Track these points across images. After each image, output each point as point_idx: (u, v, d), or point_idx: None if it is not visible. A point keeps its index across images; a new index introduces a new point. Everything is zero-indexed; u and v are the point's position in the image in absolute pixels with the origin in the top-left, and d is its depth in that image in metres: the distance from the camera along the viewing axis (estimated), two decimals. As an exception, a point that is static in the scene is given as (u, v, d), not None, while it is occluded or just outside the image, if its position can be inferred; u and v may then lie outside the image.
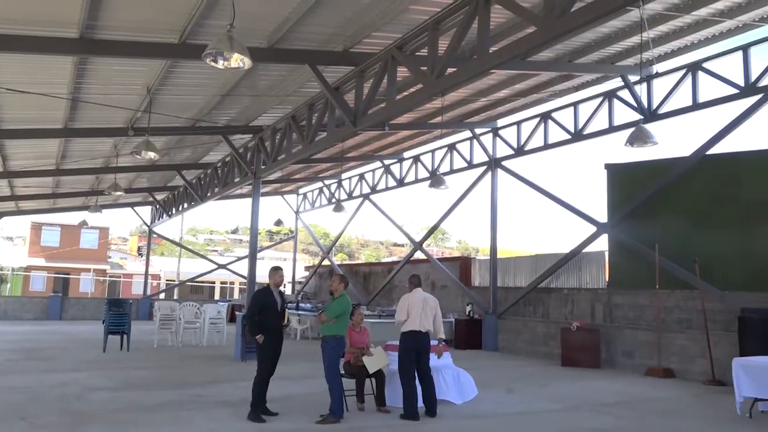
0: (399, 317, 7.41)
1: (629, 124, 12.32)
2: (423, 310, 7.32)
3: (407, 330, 7.28)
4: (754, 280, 10.67)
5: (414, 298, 7.41)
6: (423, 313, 7.31)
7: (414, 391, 7.11)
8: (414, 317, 7.28)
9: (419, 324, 7.26)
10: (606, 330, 12.82)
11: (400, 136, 17.38)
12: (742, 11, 9.45)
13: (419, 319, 7.28)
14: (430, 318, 7.39)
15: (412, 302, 7.35)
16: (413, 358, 7.21)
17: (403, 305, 7.41)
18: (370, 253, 67.59)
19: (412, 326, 7.26)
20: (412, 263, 20.20)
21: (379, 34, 9.12)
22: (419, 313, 7.29)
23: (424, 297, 7.50)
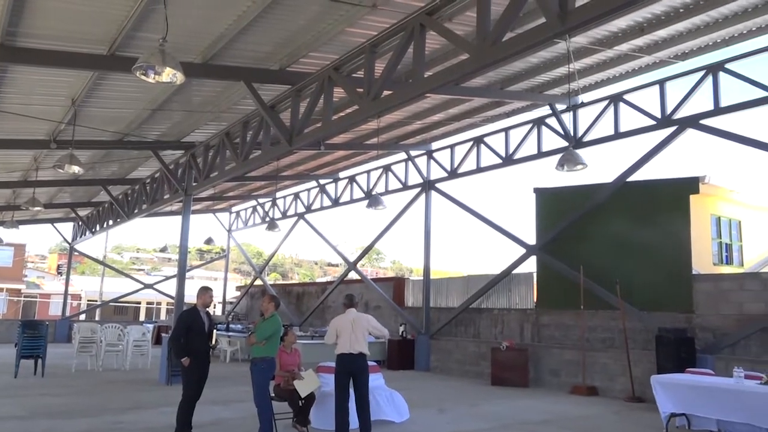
0: (328, 340, 7.29)
1: (557, 150, 12.83)
2: (353, 332, 7.11)
3: (339, 353, 7.16)
4: (670, 300, 11.25)
5: (343, 320, 7.22)
6: (353, 335, 7.09)
7: (345, 414, 7.00)
8: (344, 340, 7.13)
9: (349, 346, 7.08)
10: (534, 349, 13.16)
11: (335, 156, 17.40)
12: (658, 48, 10.09)
13: (349, 341, 7.11)
14: (361, 339, 7.15)
15: (341, 324, 7.19)
16: (346, 380, 7.10)
17: (332, 327, 7.30)
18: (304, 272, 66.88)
19: (342, 349, 7.13)
20: (346, 283, 20.12)
21: (316, 54, 9.15)
22: (349, 335, 7.11)
23: (353, 318, 7.23)
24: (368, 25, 8.27)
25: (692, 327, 10.75)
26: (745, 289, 10.42)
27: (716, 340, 10.40)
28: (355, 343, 7.10)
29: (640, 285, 11.63)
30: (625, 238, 12.13)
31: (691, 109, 10.94)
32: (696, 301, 10.92)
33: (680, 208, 11.53)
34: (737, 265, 14.79)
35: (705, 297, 10.85)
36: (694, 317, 10.87)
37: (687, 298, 11.02)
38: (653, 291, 11.50)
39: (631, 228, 12.09)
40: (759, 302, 10.13)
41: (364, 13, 7.88)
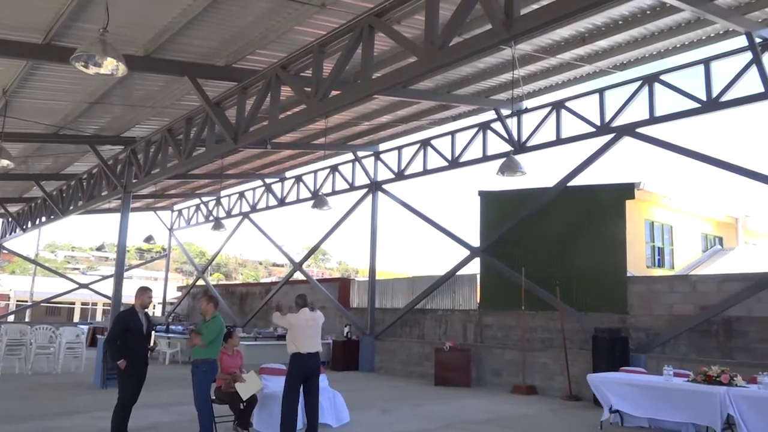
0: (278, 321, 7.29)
1: (501, 155, 13.09)
2: (311, 331, 7.15)
3: (296, 352, 7.10)
4: (605, 302, 11.66)
5: (300, 319, 7.22)
6: (311, 335, 7.14)
7: (294, 415, 6.94)
8: (302, 339, 7.09)
9: (308, 346, 7.10)
10: (476, 350, 13.39)
11: (282, 155, 17.22)
12: (599, 58, 10.45)
13: (307, 340, 7.12)
14: (318, 338, 7.25)
15: (298, 323, 7.18)
16: (300, 380, 7.04)
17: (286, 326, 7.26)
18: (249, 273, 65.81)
19: (300, 348, 7.08)
20: (291, 284, 19.92)
21: (264, 52, 9.03)
22: (307, 335, 7.13)
23: (310, 317, 7.29)
24: (317, 25, 8.23)
25: (626, 327, 11.18)
26: (675, 290, 10.92)
27: (648, 339, 10.85)
28: (313, 343, 7.14)
29: (578, 287, 12.00)
30: (565, 241, 12.49)
31: (629, 118, 11.38)
32: (630, 303, 11.37)
33: (617, 213, 11.97)
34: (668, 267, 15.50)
35: (638, 298, 11.31)
36: (628, 318, 11.31)
37: (622, 299, 11.45)
38: (591, 292, 11.89)
39: (571, 231, 12.46)
40: (688, 303, 10.63)
41: (313, 12, 7.83)
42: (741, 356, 9.72)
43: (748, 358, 9.56)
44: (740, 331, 9.92)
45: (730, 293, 9.97)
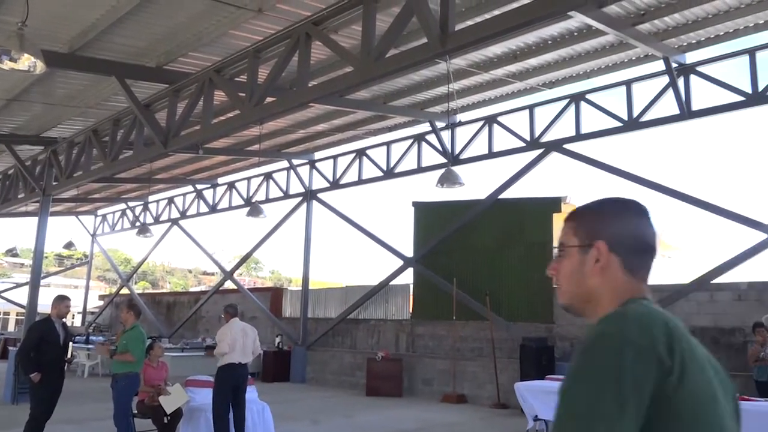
0: (222, 349, 7.04)
1: (435, 166, 13.30)
2: (244, 342, 7.09)
3: (228, 362, 6.93)
4: (533, 311, 12.02)
5: (234, 330, 7.10)
6: (243, 345, 7.07)
7: (226, 427, 6.77)
8: (236, 350, 6.98)
9: (241, 356, 7.00)
10: (408, 359, 13.47)
11: (214, 160, 16.82)
12: (529, 75, 10.82)
13: (241, 351, 7.01)
14: (250, 349, 7.19)
15: (233, 334, 7.04)
16: (229, 392, 6.88)
17: (224, 337, 7.07)
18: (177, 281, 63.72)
19: (232, 359, 6.94)
20: (221, 293, 19.43)
21: (197, 54, 8.81)
22: (240, 345, 7.03)
23: (243, 327, 7.25)
24: (253, 30, 8.11)
25: (552, 336, 11.56)
26: (598, 301, 11.37)
27: (573, 348, 11.23)
28: (246, 353, 7.09)
29: (508, 297, 12.31)
30: (496, 252, 12.80)
31: (556, 134, 11.83)
32: (556, 313, 11.75)
33: (544, 226, 12.38)
34: (592, 279, 16.12)
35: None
36: (554, 327, 11.69)
37: (549, 309, 11.83)
38: (519, 302, 12.22)
39: (502, 242, 12.78)
40: (609, 313, 11.09)
41: (250, 16, 7.72)
42: (657, 364, 10.22)
43: (663, 366, 10.06)
44: (656, 339, 10.44)
45: (647, 303, 10.48)
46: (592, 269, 1.20)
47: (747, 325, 8.95)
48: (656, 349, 1.00)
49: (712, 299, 9.98)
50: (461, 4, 7.84)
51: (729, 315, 9.74)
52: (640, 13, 8.53)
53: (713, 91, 9.82)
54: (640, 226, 1.22)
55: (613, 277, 1.18)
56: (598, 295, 1.20)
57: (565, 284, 1.25)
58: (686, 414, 1.00)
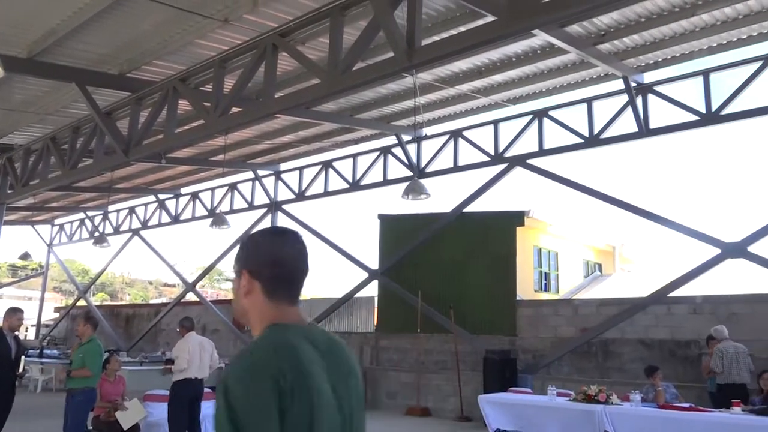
0: (180, 365, 6.88)
1: (401, 179, 13.36)
2: (200, 356, 6.97)
3: (184, 378, 6.78)
4: (497, 324, 12.12)
5: (192, 344, 6.96)
6: (200, 359, 6.95)
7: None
8: (194, 364, 6.85)
9: (198, 371, 6.88)
10: (372, 372, 13.40)
11: (178, 170, 16.56)
12: (494, 91, 11.00)
13: (199, 365, 6.88)
14: (207, 363, 7.07)
15: (191, 348, 6.90)
16: (185, 407, 6.73)
17: (182, 352, 6.91)
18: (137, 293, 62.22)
19: (189, 374, 6.80)
20: (182, 305, 19.05)
21: (161, 63, 8.70)
22: (198, 360, 6.91)
23: (200, 341, 7.14)
24: (219, 39, 8.06)
25: (515, 349, 11.66)
26: (560, 314, 11.55)
27: (535, 360, 11.37)
28: (203, 368, 6.97)
29: (471, 309, 12.38)
30: (460, 265, 12.89)
31: (520, 149, 12.03)
32: (519, 325, 11.88)
33: (508, 239, 12.53)
34: (554, 292, 16.39)
35: (527, 321, 11.85)
36: (517, 340, 11.81)
37: (512, 322, 11.95)
38: (483, 315, 12.31)
39: (466, 256, 12.88)
40: (571, 326, 11.28)
41: (216, 26, 7.67)
42: (616, 376, 10.41)
43: (622, 378, 10.25)
44: (616, 352, 10.65)
45: (607, 316, 10.69)
46: (242, 293, 1.45)
47: (702, 337, 9.20)
48: (276, 375, 1.24)
49: (669, 312, 10.23)
50: (428, 20, 7.94)
51: (685, 328, 10.00)
52: (600, 33, 8.78)
53: (670, 110, 10.15)
54: (278, 255, 1.44)
55: (257, 301, 1.42)
56: (249, 315, 1.45)
57: (233, 302, 1.52)
58: (301, 426, 1.25)
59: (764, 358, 8.99)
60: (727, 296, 9.85)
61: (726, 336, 8.61)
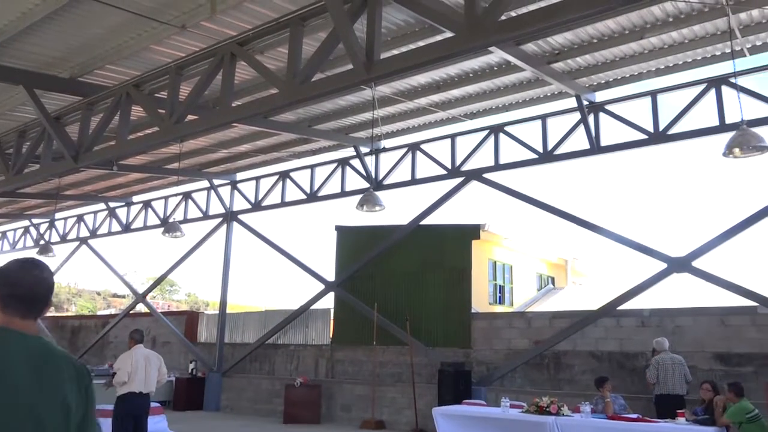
0: (121, 378, 6.65)
1: (359, 191, 13.36)
2: (146, 370, 6.77)
3: (127, 392, 6.56)
4: (452, 337, 12.20)
5: (136, 357, 6.75)
6: (146, 373, 6.75)
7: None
8: (138, 378, 6.63)
9: (143, 385, 6.66)
10: (327, 385, 13.29)
11: (130, 178, 16.15)
12: (452, 106, 11.15)
13: (142, 379, 6.66)
14: (154, 377, 6.87)
15: (135, 362, 6.69)
16: (129, 423, 6.51)
17: (124, 365, 6.69)
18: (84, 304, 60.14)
19: (133, 388, 6.58)
20: (132, 317, 18.51)
21: (115, 68, 8.51)
22: (142, 373, 6.69)
23: (146, 354, 6.93)
24: (176, 46, 7.94)
25: (470, 361, 11.75)
26: (513, 326, 11.71)
27: (489, 373, 11.48)
28: (149, 382, 6.78)
29: (427, 322, 12.44)
30: (417, 278, 12.94)
31: (477, 163, 12.20)
32: (474, 338, 11.99)
33: (464, 252, 12.66)
34: (508, 305, 16.61)
35: (481, 334, 11.97)
36: (471, 352, 11.90)
37: (466, 334, 12.05)
38: (439, 327, 12.38)
39: (422, 268, 12.95)
40: (524, 338, 11.45)
41: (173, 33, 7.55)
42: (568, 387, 10.61)
43: (573, 389, 10.45)
44: (567, 364, 10.85)
45: (559, 329, 10.89)
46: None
47: (649, 349, 9.47)
48: None
49: (618, 325, 10.50)
50: (387, 34, 8.01)
51: (633, 340, 10.27)
52: (554, 52, 9.03)
53: (620, 128, 10.49)
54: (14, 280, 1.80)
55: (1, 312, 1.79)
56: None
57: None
58: None
59: (706, 369, 9.33)
60: (672, 309, 10.18)
61: (666, 348, 8.91)
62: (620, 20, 8.16)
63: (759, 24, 8.17)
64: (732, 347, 9.33)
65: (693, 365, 9.20)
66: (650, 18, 8.11)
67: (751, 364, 9.11)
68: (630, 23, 8.27)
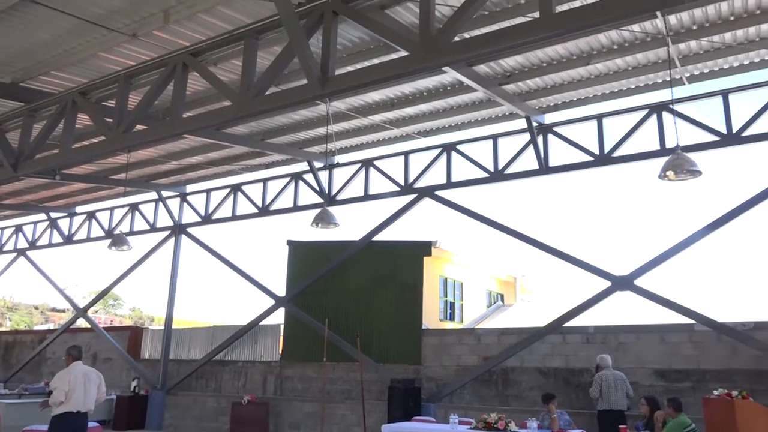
0: (57, 398, 6.34)
1: (312, 206, 13.30)
2: (85, 388, 6.49)
3: (63, 411, 6.25)
4: (402, 353, 12.20)
5: (74, 375, 6.45)
6: (85, 392, 6.48)
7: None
8: (77, 396, 6.34)
9: (81, 404, 6.38)
10: (276, 403, 13.05)
11: (73, 188, 15.60)
12: (405, 123, 11.27)
13: (81, 398, 6.37)
14: (93, 396, 6.60)
15: (73, 379, 6.39)
16: None
17: (61, 383, 6.39)
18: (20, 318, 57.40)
19: (69, 407, 6.28)
20: (72, 332, 17.76)
21: (60, 74, 8.26)
22: (81, 392, 6.40)
23: (85, 371, 6.63)
24: (126, 54, 7.77)
25: (420, 378, 11.77)
26: (463, 343, 11.81)
27: (438, 389, 11.52)
28: (88, 401, 6.52)
29: (378, 338, 12.41)
30: (368, 294, 12.92)
31: (429, 181, 12.33)
32: (424, 354, 12.02)
33: (415, 269, 12.72)
34: (458, 321, 16.76)
35: (432, 350, 12.01)
36: (422, 368, 11.93)
37: (417, 351, 12.07)
38: (389, 344, 12.36)
39: (374, 284, 12.94)
40: (473, 355, 11.55)
41: (123, 40, 7.40)
42: (515, 403, 10.74)
43: (521, 405, 10.59)
44: (515, 380, 11.00)
45: (508, 345, 11.04)
46: None
47: (593, 365, 9.70)
48: None
49: (565, 341, 10.74)
50: (343, 50, 8.06)
51: (579, 356, 10.51)
52: (506, 74, 9.27)
53: (567, 150, 10.82)
54: None
55: None
56: None
57: None
58: None
59: (647, 385, 9.63)
60: (616, 326, 10.47)
61: (609, 364, 9.17)
62: (568, 46, 8.46)
63: (697, 54, 8.60)
64: (671, 363, 9.66)
65: (635, 381, 9.47)
66: (597, 45, 8.44)
67: (688, 380, 9.45)
68: (578, 49, 8.57)
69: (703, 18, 7.71)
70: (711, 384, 8.75)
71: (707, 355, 9.43)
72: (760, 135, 9.24)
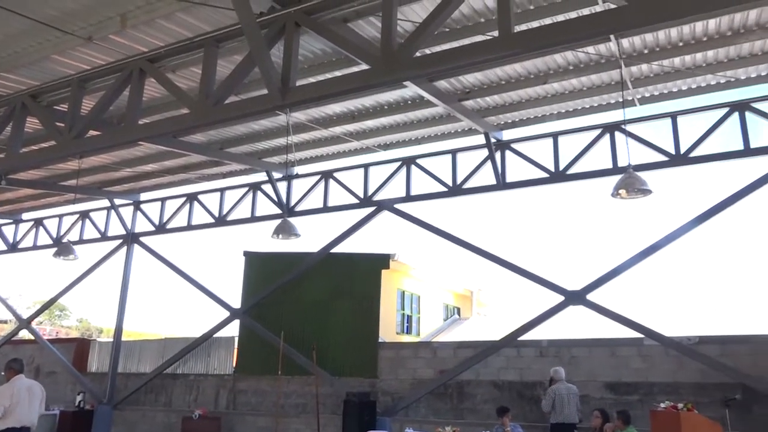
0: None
1: (270, 216, 13.16)
2: (29, 402, 6.27)
3: (6, 427, 5.99)
4: (358, 366, 12.13)
5: (17, 388, 6.20)
6: (29, 406, 6.26)
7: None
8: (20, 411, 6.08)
9: (26, 419, 6.13)
10: (228, 417, 12.78)
11: (20, 193, 15.03)
12: (366, 136, 11.30)
13: (24, 413, 6.12)
14: (37, 410, 6.39)
15: (16, 393, 6.13)
16: None
17: (2, 398, 6.11)
18: (-42, 329, 54.71)
19: (13, 422, 6.02)
20: (13, 344, 17.02)
21: (10, 76, 7.97)
22: (25, 406, 6.15)
23: (29, 385, 6.40)
24: (80, 58, 7.56)
25: (375, 391, 11.72)
26: (419, 356, 11.83)
27: (394, 403, 11.48)
28: (32, 416, 6.30)
29: (334, 351, 12.31)
30: (325, 306, 12.82)
31: (388, 194, 12.37)
32: (380, 367, 11.98)
33: (373, 281, 12.70)
34: (415, 334, 16.80)
35: (388, 363, 11.99)
36: (377, 382, 11.88)
37: (373, 364, 12.02)
38: (345, 357, 12.27)
39: (331, 297, 12.86)
40: (429, 368, 11.58)
41: (77, 44, 7.20)
42: (470, 416, 10.80)
43: (475, 418, 10.65)
44: (470, 393, 11.07)
45: (463, 358, 11.11)
46: None
47: (547, 379, 9.85)
48: None
49: (519, 355, 10.88)
50: (304, 62, 8.04)
51: (532, 369, 10.66)
52: (465, 90, 9.41)
53: (524, 166, 11.03)
54: None
55: None
56: None
57: None
58: None
59: (598, 397, 9.83)
60: (568, 340, 10.68)
61: (563, 377, 9.33)
62: (526, 65, 8.66)
63: (648, 77, 8.93)
64: (621, 377, 9.90)
65: (586, 394, 9.66)
66: (553, 65, 8.67)
67: (637, 393, 9.69)
68: (535, 68, 8.79)
69: (654, 43, 8.02)
70: (658, 397, 9.00)
71: (655, 368, 9.70)
72: (707, 156, 9.64)
